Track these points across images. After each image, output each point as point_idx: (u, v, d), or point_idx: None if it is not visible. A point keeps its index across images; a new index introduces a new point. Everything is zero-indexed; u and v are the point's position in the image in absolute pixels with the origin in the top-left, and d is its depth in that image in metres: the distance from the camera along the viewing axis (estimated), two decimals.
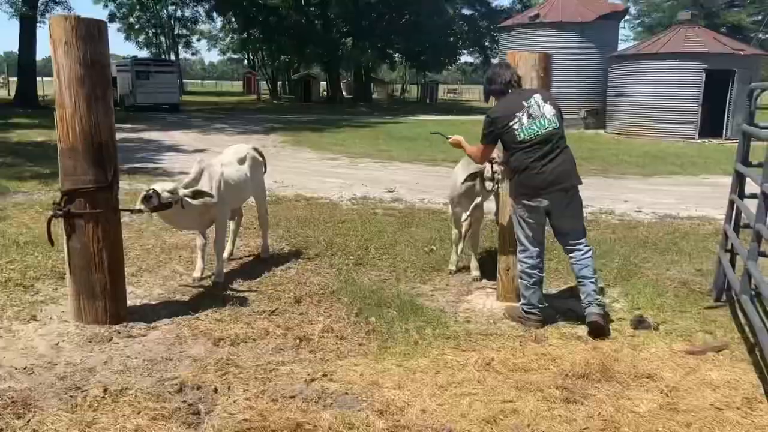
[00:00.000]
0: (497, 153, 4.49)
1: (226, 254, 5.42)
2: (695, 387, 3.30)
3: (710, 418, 2.99)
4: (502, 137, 4.08)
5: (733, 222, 4.66)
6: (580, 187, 4.11)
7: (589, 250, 4.16)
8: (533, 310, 4.14)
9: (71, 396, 3.10)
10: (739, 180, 4.57)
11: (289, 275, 5.18)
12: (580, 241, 4.14)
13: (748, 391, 3.26)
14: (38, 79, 31.60)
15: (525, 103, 4.01)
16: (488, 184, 4.64)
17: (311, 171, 11.71)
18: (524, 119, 3.98)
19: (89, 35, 3.71)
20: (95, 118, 3.77)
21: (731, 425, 2.93)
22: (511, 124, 3.99)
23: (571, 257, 4.18)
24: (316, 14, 43.08)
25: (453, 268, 5.34)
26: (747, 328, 4.09)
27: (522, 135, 3.98)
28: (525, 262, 4.18)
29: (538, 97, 4.05)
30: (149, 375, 3.35)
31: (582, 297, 4.09)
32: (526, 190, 4.04)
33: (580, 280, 4.12)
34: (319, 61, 45.36)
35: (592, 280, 4.08)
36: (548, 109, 4.01)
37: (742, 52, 19.72)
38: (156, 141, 16.60)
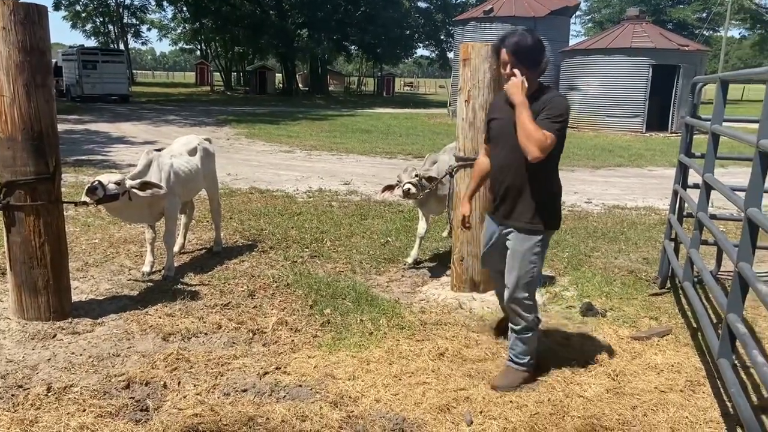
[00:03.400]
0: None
1: (177, 248, 5.31)
2: (640, 371, 3.41)
3: (654, 400, 3.09)
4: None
5: (677, 212, 4.82)
6: None
7: None
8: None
9: (12, 395, 2.99)
10: (683, 171, 4.73)
11: (242, 268, 5.11)
12: None
13: (691, 375, 3.38)
14: None
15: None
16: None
17: (266, 164, 11.56)
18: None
19: (29, 20, 3.55)
20: (35, 106, 3.62)
21: (675, 407, 3.03)
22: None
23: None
24: (270, 4, 42.43)
25: (410, 261, 5.34)
26: (690, 314, 4.24)
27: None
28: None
29: None
30: (95, 372, 3.25)
31: None
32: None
33: None
34: (274, 52, 44.72)
35: None
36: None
37: (687, 48, 20.40)
38: (104, 133, 16.09)
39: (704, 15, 49.51)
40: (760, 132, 2.54)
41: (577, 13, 43.48)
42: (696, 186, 4.29)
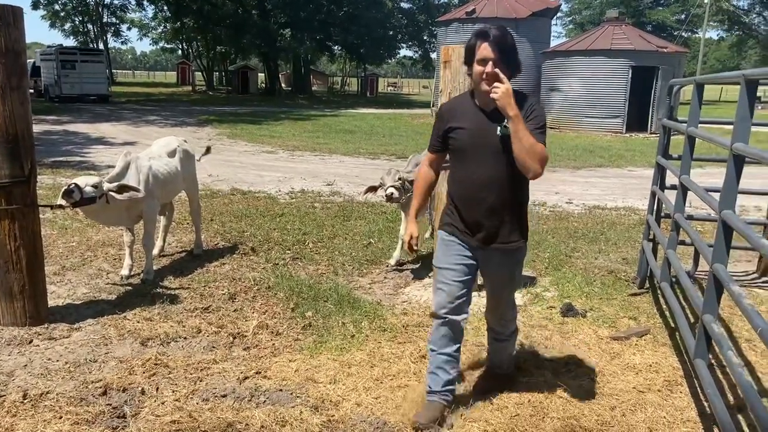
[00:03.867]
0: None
1: (156, 251, 5.25)
2: (619, 371, 3.44)
3: (633, 400, 3.12)
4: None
5: (655, 212, 4.87)
6: None
7: None
8: None
9: None
10: (660, 172, 4.77)
11: (223, 271, 5.07)
12: None
13: (669, 375, 3.42)
14: None
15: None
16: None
17: (248, 164, 11.49)
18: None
19: (3, 22, 3.52)
20: (10, 109, 3.57)
21: (653, 407, 3.06)
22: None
23: None
24: (252, 4, 42.20)
25: (393, 262, 5.34)
26: (668, 314, 4.29)
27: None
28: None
29: None
30: (72, 378, 3.20)
31: None
32: None
33: None
34: (256, 52, 44.49)
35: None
36: None
37: (665, 50, 20.66)
38: (82, 133, 15.88)
39: (683, 17, 50.18)
40: (733, 135, 2.58)
41: (558, 14, 43.84)
42: (673, 187, 4.34)
